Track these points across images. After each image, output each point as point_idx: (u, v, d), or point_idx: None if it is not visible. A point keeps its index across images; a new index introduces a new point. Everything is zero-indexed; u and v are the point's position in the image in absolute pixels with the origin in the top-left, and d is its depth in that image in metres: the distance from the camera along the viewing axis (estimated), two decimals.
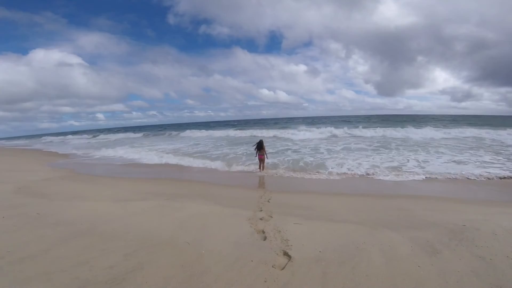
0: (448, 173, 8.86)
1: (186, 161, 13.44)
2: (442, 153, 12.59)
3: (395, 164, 10.41)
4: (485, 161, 10.43)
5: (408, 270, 2.98)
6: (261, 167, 10.21)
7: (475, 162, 10.41)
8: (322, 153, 13.92)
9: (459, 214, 4.85)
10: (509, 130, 20.76)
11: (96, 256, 3.27)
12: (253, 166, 11.03)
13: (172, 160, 14.15)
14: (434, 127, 26.99)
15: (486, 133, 20.10)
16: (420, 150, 13.59)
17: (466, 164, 10.06)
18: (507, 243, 3.57)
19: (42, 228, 4.20)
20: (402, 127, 26.04)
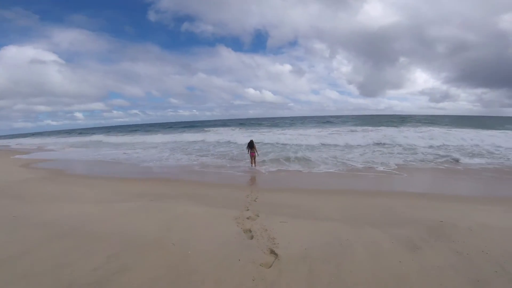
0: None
1: None
2: None
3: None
4: None
5: (390, 266, 3.08)
6: (253, 163, 11.18)
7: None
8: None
9: (437, 211, 5.07)
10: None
11: (78, 258, 3.19)
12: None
13: None
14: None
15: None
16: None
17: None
18: (482, 238, 3.76)
19: (21, 230, 4.05)
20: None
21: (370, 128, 28.51)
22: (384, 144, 16.19)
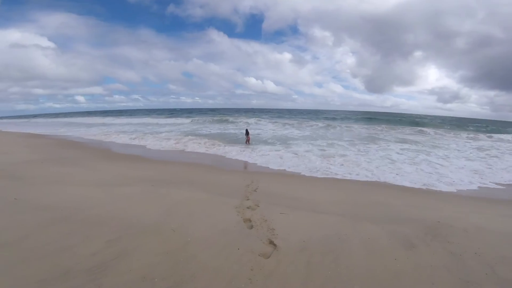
0: None
1: None
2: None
3: None
4: None
5: (386, 263, 3.10)
6: (248, 141, 14.95)
7: None
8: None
9: (434, 211, 5.06)
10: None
11: (78, 243, 3.20)
12: None
13: None
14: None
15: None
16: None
17: None
18: (476, 240, 3.77)
19: (21, 213, 4.05)
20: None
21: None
22: None
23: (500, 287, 2.71)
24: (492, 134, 22.55)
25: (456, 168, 9.36)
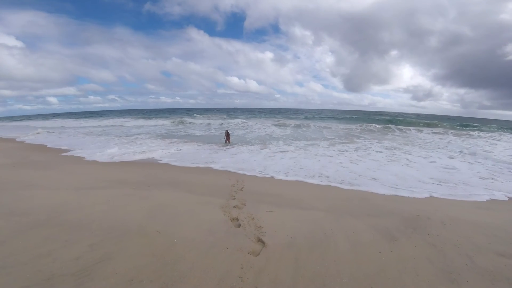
0: None
1: None
2: None
3: None
4: None
5: (371, 256, 3.22)
6: (227, 141, 15.22)
7: None
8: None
9: (412, 204, 5.31)
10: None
11: (59, 248, 3.06)
12: None
13: None
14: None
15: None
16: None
17: None
18: (454, 232, 3.99)
19: None
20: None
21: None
22: None
23: (481, 277, 2.87)
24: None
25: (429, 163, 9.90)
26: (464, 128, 28.50)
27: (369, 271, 2.91)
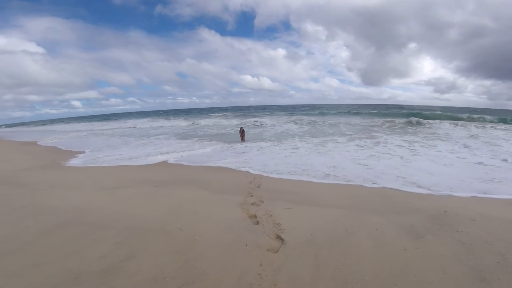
0: None
1: None
2: None
3: None
4: None
5: (395, 254, 3.10)
6: (242, 139, 15.19)
7: None
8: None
9: (438, 201, 5.07)
10: None
11: (86, 246, 3.20)
12: None
13: None
14: None
15: None
16: None
17: None
18: (484, 229, 3.76)
19: (27, 219, 4.03)
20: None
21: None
22: None
23: None
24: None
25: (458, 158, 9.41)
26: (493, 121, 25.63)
27: (393, 269, 2.81)
